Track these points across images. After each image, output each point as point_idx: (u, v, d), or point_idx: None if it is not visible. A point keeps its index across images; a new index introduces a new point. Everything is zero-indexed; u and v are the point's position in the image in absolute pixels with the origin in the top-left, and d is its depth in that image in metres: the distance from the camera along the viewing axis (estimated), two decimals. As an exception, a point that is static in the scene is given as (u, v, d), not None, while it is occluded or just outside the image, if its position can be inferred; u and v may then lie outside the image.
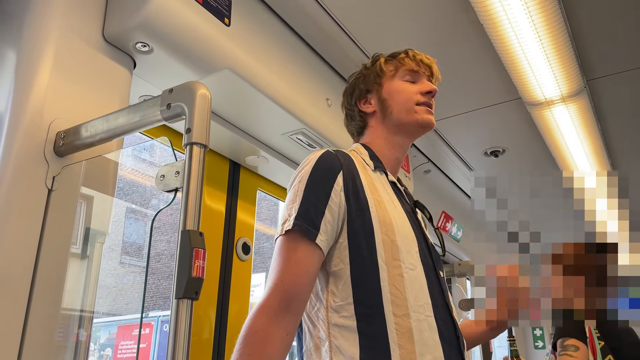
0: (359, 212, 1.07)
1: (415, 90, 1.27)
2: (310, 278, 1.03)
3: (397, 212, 1.13)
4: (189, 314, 0.86)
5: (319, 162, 1.11)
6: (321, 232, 1.04)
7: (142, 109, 1.12)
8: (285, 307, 0.99)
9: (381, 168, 1.23)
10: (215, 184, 2.20)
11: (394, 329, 1.00)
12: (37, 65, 1.27)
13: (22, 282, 1.12)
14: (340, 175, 1.09)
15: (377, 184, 1.17)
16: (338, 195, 1.07)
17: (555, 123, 2.72)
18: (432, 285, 1.09)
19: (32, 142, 1.20)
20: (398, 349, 0.98)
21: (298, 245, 1.03)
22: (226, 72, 1.66)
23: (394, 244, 1.07)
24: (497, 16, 1.96)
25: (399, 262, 1.06)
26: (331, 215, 1.05)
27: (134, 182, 6.95)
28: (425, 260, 1.11)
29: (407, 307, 1.02)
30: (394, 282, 1.04)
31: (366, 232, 1.07)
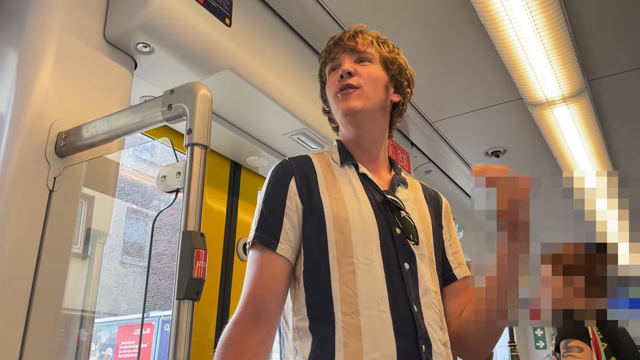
0: (312, 214, 1.09)
1: (334, 80, 1.23)
2: (278, 287, 1.06)
3: (358, 206, 1.12)
4: (190, 315, 0.86)
5: (273, 173, 1.16)
6: (282, 241, 1.07)
7: (143, 110, 1.12)
8: (257, 318, 1.02)
9: (350, 162, 1.21)
10: (217, 184, 2.21)
11: (341, 327, 1.00)
12: (38, 66, 1.27)
13: (23, 282, 1.12)
14: (293, 181, 1.12)
15: (342, 179, 1.17)
16: (293, 200, 1.10)
17: (557, 123, 2.71)
18: (392, 279, 1.06)
19: (33, 143, 1.20)
20: (343, 348, 0.98)
21: (261, 257, 1.07)
22: (227, 72, 1.66)
23: (348, 241, 1.07)
24: (498, 16, 1.95)
25: (351, 259, 1.05)
26: (290, 222, 1.09)
27: (135, 183, 6.96)
28: (387, 253, 1.08)
29: (357, 304, 1.01)
30: (345, 281, 1.03)
31: (319, 233, 1.08)
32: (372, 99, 1.21)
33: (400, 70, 1.28)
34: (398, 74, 1.27)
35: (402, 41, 2.18)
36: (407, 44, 2.21)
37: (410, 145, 3.00)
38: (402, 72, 1.28)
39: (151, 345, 3.72)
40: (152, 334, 3.82)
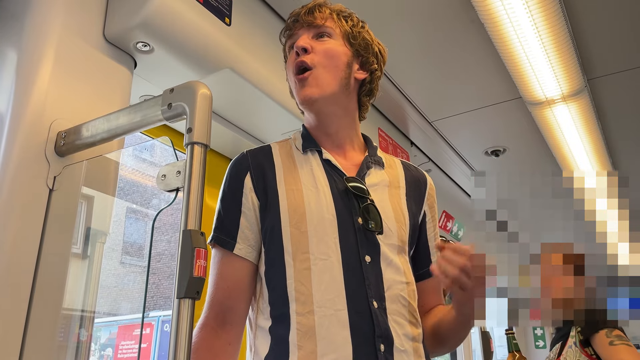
0: (268, 209, 1.04)
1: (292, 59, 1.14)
2: (240, 287, 1.03)
3: (317, 197, 1.04)
4: (191, 314, 0.86)
5: (229, 169, 1.12)
6: (239, 240, 1.03)
7: (143, 109, 1.12)
8: (222, 321, 1.01)
9: (312, 147, 1.13)
10: (217, 183, 2.20)
11: (296, 328, 0.95)
12: (38, 65, 1.27)
13: (23, 282, 1.12)
14: (248, 176, 1.08)
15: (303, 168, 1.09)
16: (249, 197, 1.06)
17: (556, 122, 2.71)
18: (351, 274, 0.99)
19: (33, 142, 1.20)
20: (297, 350, 0.94)
21: (220, 259, 1.05)
22: (227, 71, 1.66)
23: (304, 235, 1.00)
24: (498, 15, 1.95)
25: (307, 255, 0.99)
26: (247, 221, 1.05)
27: (134, 182, 6.96)
28: (347, 246, 1.01)
29: (312, 303, 0.96)
30: (300, 278, 0.98)
31: (274, 228, 1.03)
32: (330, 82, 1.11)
33: (365, 45, 1.17)
34: (363, 49, 1.17)
35: (401, 40, 2.18)
36: (407, 43, 2.21)
37: (409, 144, 3.00)
38: (367, 46, 1.17)
39: (151, 345, 3.72)
40: (152, 333, 3.82)
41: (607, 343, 1.78)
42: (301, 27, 1.15)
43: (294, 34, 1.17)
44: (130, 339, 3.85)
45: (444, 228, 3.57)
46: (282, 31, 1.21)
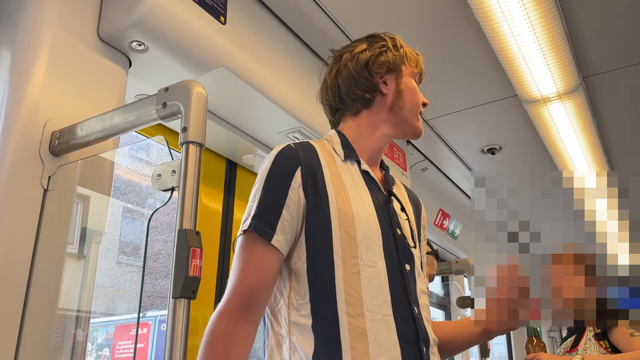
0: (317, 208, 1.04)
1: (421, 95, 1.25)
2: (269, 279, 1.02)
3: (362, 205, 1.08)
4: (186, 313, 0.86)
5: (277, 158, 1.07)
6: (278, 232, 1.02)
7: (138, 108, 1.11)
8: (246, 310, 0.99)
9: (353, 157, 1.17)
10: (212, 183, 2.20)
11: (347, 329, 0.98)
12: (32, 65, 1.26)
13: (18, 282, 1.12)
14: (299, 172, 1.05)
15: (345, 175, 1.12)
16: (296, 192, 1.04)
17: (552, 120, 2.72)
18: (394, 282, 1.05)
19: (27, 142, 1.19)
20: (350, 351, 0.96)
21: (255, 247, 1.02)
22: (222, 70, 1.65)
23: (353, 240, 1.04)
24: (494, 13, 1.96)
25: (356, 260, 1.02)
26: (289, 215, 1.03)
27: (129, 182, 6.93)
28: (389, 255, 1.07)
29: (362, 306, 1.00)
30: (350, 281, 1.01)
31: (323, 228, 1.04)
32: None
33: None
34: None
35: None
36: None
37: (405, 142, 3.00)
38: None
39: (148, 345, 3.72)
40: (149, 333, 3.81)
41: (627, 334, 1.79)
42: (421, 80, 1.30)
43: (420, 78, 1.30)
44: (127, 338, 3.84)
45: (440, 226, 3.57)
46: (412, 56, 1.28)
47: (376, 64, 1.21)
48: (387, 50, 1.23)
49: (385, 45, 1.23)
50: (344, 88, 1.23)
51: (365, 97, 1.21)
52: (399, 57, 1.23)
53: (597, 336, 1.89)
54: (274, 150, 1.09)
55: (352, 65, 1.22)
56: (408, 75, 1.24)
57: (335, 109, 1.26)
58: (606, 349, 1.86)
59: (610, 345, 1.86)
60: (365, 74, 1.21)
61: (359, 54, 1.22)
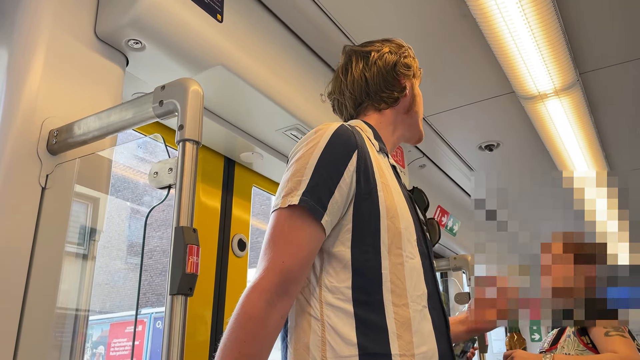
0: (367, 195, 1.03)
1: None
2: (311, 260, 0.99)
3: (400, 198, 1.10)
4: (184, 310, 0.86)
5: (335, 137, 1.04)
6: (328, 212, 0.98)
7: (135, 106, 1.12)
8: (284, 291, 0.94)
9: (384, 150, 1.20)
10: (211, 180, 2.20)
11: (394, 318, 0.98)
12: (29, 64, 1.26)
13: (17, 280, 1.12)
14: (355, 155, 1.03)
15: (381, 166, 1.12)
16: (350, 176, 1.02)
17: (549, 116, 2.73)
18: (427, 275, 1.09)
19: (25, 141, 1.19)
20: (397, 340, 0.97)
21: (302, 224, 0.97)
22: (219, 68, 1.66)
23: (397, 231, 1.04)
24: (490, 10, 1.96)
25: (400, 251, 1.03)
26: (340, 196, 1.00)
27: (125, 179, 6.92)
28: (422, 250, 1.10)
29: (407, 296, 1.01)
30: (395, 271, 1.01)
31: (372, 216, 1.03)
32: None
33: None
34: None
35: (393, 35, 2.18)
36: (398, 37, 2.21)
37: (403, 139, 3.00)
38: None
39: (143, 342, 3.71)
40: (144, 331, 3.81)
41: (602, 333, 1.78)
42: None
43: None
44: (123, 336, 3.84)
45: (438, 223, 3.58)
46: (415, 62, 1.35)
47: (403, 67, 1.28)
48: (408, 56, 1.31)
49: (407, 51, 1.32)
50: (373, 84, 1.26)
51: (393, 95, 1.26)
52: (416, 65, 1.33)
53: (580, 331, 1.89)
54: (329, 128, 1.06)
55: (382, 63, 1.27)
56: (417, 83, 1.34)
57: (358, 102, 1.28)
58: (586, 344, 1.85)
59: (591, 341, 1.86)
60: (393, 74, 1.27)
61: (386, 55, 1.28)
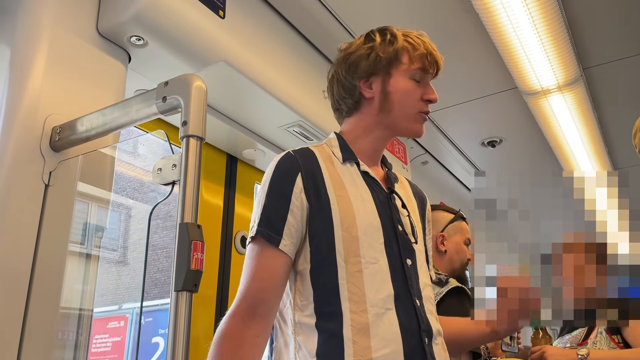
0: (320, 211, 1.08)
1: (419, 94, 1.21)
2: (277, 282, 1.05)
3: (363, 205, 1.12)
4: (189, 307, 0.86)
5: (278, 166, 1.11)
6: (285, 237, 1.05)
7: (138, 103, 1.11)
8: (253, 312, 1.03)
9: (351, 159, 1.19)
10: (213, 177, 2.20)
11: (350, 325, 1.02)
12: (31, 61, 1.26)
13: (20, 277, 1.12)
14: (299, 177, 1.09)
15: (345, 177, 1.14)
16: (299, 197, 1.08)
17: (552, 112, 2.71)
18: (396, 276, 1.08)
19: (28, 138, 1.19)
20: (352, 345, 1.00)
21: (262, 251, 1.05)
22: (221, 64, 1.65)
23: (355, 240, 1.07)
24: (493, 4, 1.95)
25: (358, 259, 1.06)
26: (294, 219, 1.07)
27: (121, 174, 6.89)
28: (391, 251, 1.10)
29: (365, 302, 1.03)
30: (352, 280, 1.05)
31: (326, 230, 1.07)
32: None
33: None
34: None
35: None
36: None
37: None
38: None
39: (125, 338, 3.69)
40: (126, 326, 3.79)
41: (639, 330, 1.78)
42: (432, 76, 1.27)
43: (428, 75, 1.24)
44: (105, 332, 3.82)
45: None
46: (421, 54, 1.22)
47: (359, 68, 1.19)
48: (371, 53, 1.19)
49: (373, 46, 1.19)
50: (336, 90, 1.24)
51: (349, 101, 1.21)
52: (387, 57, 1.18)
53: (610, 330, 1.88)
54: (275, 159, 1.12)
55: (340, 69, 1.22)
56: (402, 75, 1.19)
57: (334, 109, 1.28)
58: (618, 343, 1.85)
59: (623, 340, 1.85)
60: (350, 78, 1.20)
61: (348, 57, 1.21)
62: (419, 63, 1.20)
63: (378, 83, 1.19)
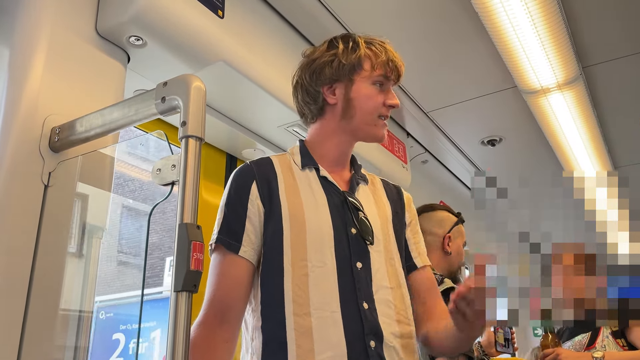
0: (271, 216, 1.11)
1: (381, 100, 1.22)
2: (241, 288, 1.08)
3: (315, 209, 1.14)
4: (188, 307, 0.86)
5: (234, 177, 1.17)
6: (244, 244, 1.09)
7: (137, 103, 1.11)
8: (220, 319, 1.06)
9: (310, 165, 1.21)
10: (213, 177, 2.20)
11: (293, 328, 1.03)
12: (30, 61, 1.26)
13: (20, 278, 1.12)
14: (254, 184, 1.14)
15: (302, 183, 1.18)
16: (254, 204, 1.12)
17: (552, 111, 2.71)
18: (344, 280, 1.09)
19: (27, 138, 1.19)
20: (296, 349, 1.02)
21: (224, 259, 1.09)
22: (220, 64, 1.65)
23: (302, 244, 1.09)
24: (492, 4, 1.95)
25: (305, 262, 1.08)
26: (252, 226, 1.11)
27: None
28: (341, 255, 1.11)
29: (309, 305, 1.05)
30: (298, 283, 1.07)
31: (275, 235, 1.10)
32: None
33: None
34: None
35: (395, 31, 2.17)
36: (401, 33, 2.20)
37: (406, 135, 3.00)
38: None
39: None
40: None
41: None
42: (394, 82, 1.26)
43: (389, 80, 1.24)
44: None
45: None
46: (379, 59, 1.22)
47: (323, 74, 1.22)
48: (334, 60, 1.22)
49: (336, 53, 1.22)
50: (300, 97, 1.27)
51: (312, 106, 1.24)
52: (349, 64, 1.21)
53: (615, 334, 1.89)
54: (233, 172, 1.18)
55: (304, 74, 1.26)
56: (364, 81, 1.21)
57: (300, 115, 1.31)
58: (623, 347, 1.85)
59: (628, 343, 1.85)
60: (313, 84, 1.23)
61: (312, 63, 1.25)
62: (381, 70, 1.22)
63: (341, 89, 1.22)
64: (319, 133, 1.26)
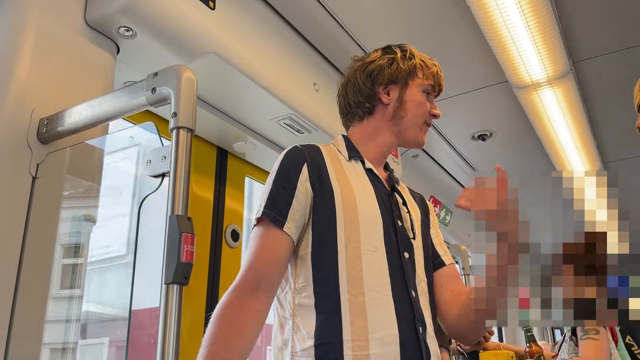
0: (323, 199, 1.15)
1: (428, 108, 1.32)
2: (279, 262, 1.11)
3: (365, 196, 1.19)
4: (179, 300, 0.86)
5: (285, 157, 1.19)
6: (289, 220, 1.12)
7: (127, 94, 1.10)
8: (255, 286, 1.07)
9: (357, 157, 1.28)
10: (203, 171, 2.19)
11: (348, 306, 1.07)
12: (17, 51, 1.24)
13: (8, 271, 1.11)
14: (305, 167, 1.16)
15: (349, 171, 1.23)
16: (304, 185, 1.15)
17: (542, 105, 2.73)
18: (394, 266, 1.15)
19: (14, 129, 1.17)
20: (350, 325, 1.06)
21: (267, 232, 1.12)
22: (212, 56, 1.64)
23: (355, 227, 1.14)
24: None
25: (358, 245, 1.12)
26: (298, 204, 1.13)
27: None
28: (389, 243, 1.16)
29: (363, 286, 1.09)
30: (352, 263, 1.11)
31: (329, 216, 1.14)
32: None
33: None
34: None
35: (384, 24, 2.17)
36: (390, 26, 2.20)
37: (397, 129, 2.99)
38: None
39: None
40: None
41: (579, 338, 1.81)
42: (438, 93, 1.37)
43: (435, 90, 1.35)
44: None
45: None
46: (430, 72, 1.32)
47: (380, 75, 1.30)
48: (393, 62, 1.30)
49: (395, 57, 1.31)
50: (351, 95, 1.33)
51: (366, 105, 1.31)
52: (406, 69, 1.30)
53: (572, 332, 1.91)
54: (283, 152, 1.21)
55: (359, 74, 1.32)
56: (416, 87, 1.30)
57: (344, 113, 1.37)
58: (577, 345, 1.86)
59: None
60: (369, 84, 1.30)
61: (368, 65, 1.32)
62: (431, 80, 1.33)
63: (395, 91, 1.30)
64: (365, 131, 1.32)
